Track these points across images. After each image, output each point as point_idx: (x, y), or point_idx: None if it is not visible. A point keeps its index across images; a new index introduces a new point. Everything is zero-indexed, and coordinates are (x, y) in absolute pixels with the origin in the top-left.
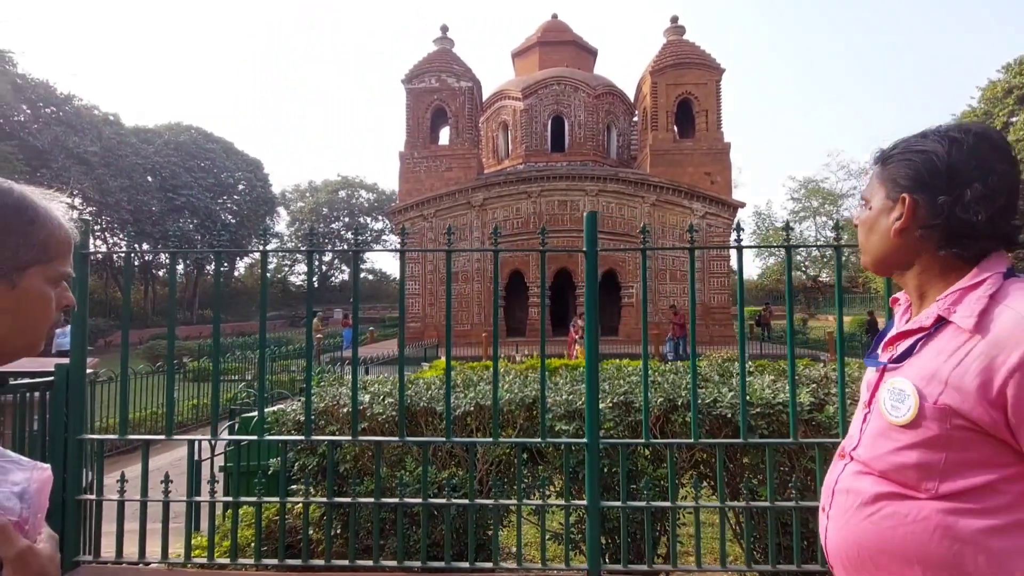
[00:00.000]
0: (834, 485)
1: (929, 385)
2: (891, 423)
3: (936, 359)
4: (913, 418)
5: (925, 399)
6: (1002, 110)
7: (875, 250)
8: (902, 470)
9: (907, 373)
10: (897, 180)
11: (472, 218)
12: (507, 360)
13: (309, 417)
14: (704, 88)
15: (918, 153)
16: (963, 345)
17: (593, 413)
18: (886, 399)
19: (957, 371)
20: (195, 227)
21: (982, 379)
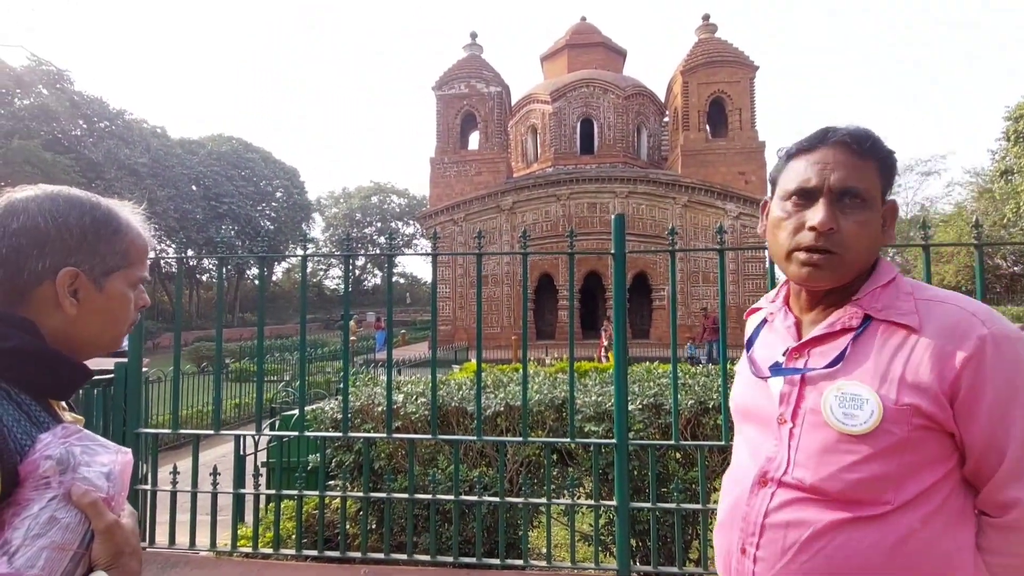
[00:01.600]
0: (762, 519)
1: (883, 385)
2: (844, 434)
3: (880, 359)
4: (877, 424)
5: (886, 401)
6: None
7: (867, 259)
8: (861, 487)
9: (856, 376)
10: (891, 183)
11: (502, 222)
12: (536, 363)
13: (346, 415)
14: (737, 86)
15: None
16: (906, 341)
17: (622, 414)
18: (833, 407)
19: (911, 368)
20: (236, 233)
21: (937, 372)
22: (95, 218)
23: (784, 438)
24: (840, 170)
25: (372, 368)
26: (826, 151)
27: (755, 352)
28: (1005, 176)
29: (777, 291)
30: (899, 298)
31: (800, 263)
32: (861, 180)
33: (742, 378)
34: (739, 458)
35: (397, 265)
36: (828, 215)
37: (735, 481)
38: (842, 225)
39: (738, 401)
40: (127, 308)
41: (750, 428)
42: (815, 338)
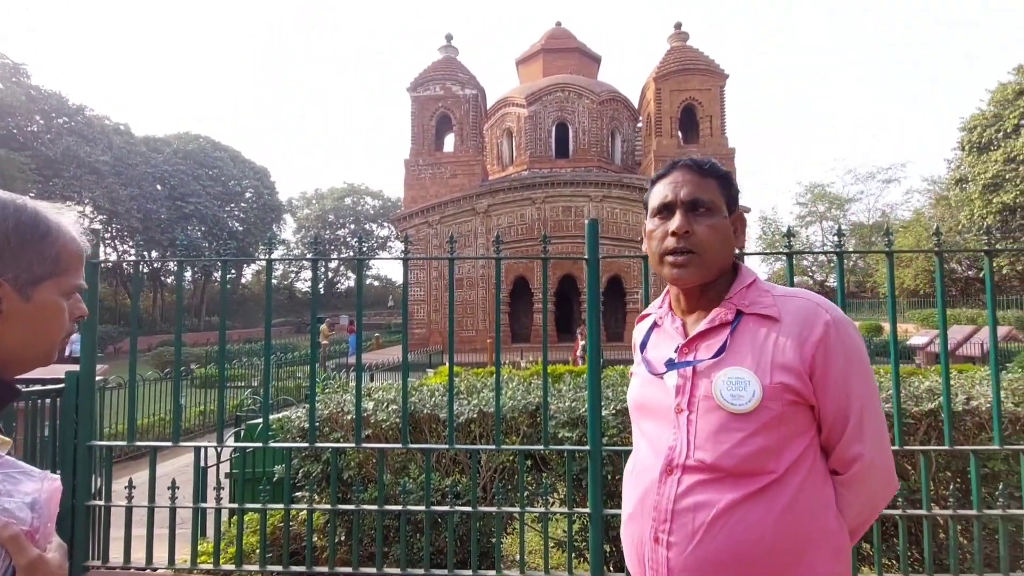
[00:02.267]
0: (671, 505)
1: (759, 369)
2: (733, 413)
3: (754, 346)
4: (757, 403)
5: (763, 381)
6: (1013, 112)
7: (724, 259)
8: (750, 459)
9: (737, 363)
10: (733, 197)
11: (477, 225)
12: (511, 366)
13: (313, 424)
14: (708, 94)
15: (733, 177)
16: (771, 330)
17: (596, 420)
18: (722, 391)
19: (778, 351)
20: (203, 234)
21: (798, 353)
22: (19, 222)
23: (683, 425)
24: (688, 186)
25: (344, 373)
26: (676, 174)
27: (648, 353)
28: (960, 184)
29: (662, 298)
30: (761, 295)
31: (670, 265)
32: (705, 193)
33: (638, 378)
34: (640, 453)
35: (371, 268)
36: (682, 220)
37: (639, 474)
38: (696, 229)
39: (636, 398)
40: (59, 319)
41: (648, 423)
42: (699, 334)
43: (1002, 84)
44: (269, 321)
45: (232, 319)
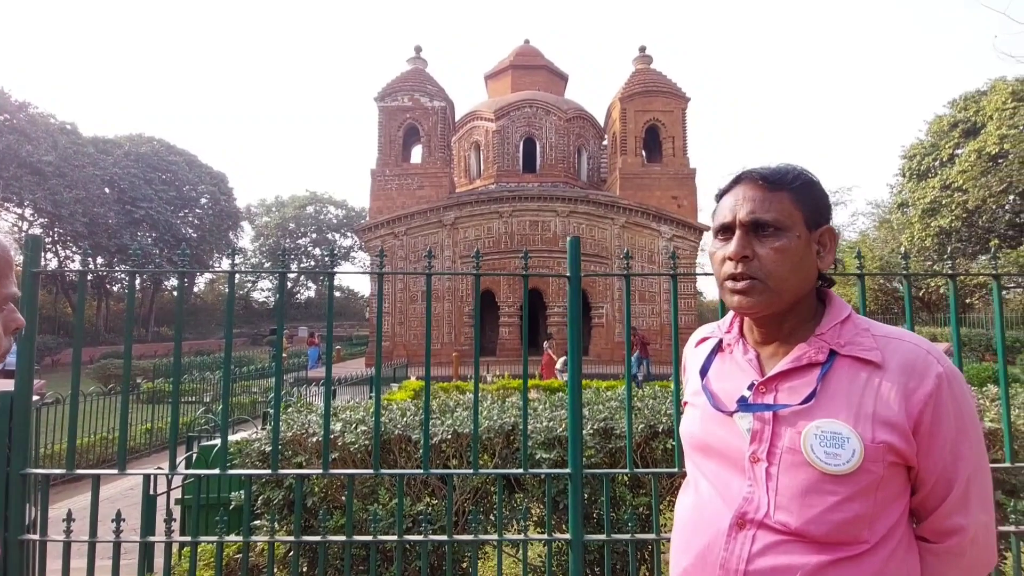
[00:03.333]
0: (744, 565)
1: (859, 423)
2: (827, 474)
3: (851, 396)
4: (860, 463)
5: (865, 439)
6: (948, 143)
7: (799, 284)
8: (844, 528)
9: (831, 414)
10: (817, 209)
11: (443, 237)
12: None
13: (276, 449)
14: (671, 115)
15: (822, 186)
16: (872, 377)
17: (577, 442)
18: (814, 446)
19: (880, 405)
20: (154, 241)
21: (904, 408)
22: None
23: (760, 478)
24: (749, 204)
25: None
26: (739, 189)
27: (712, 384)
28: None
29: (731, 322)
30: (859, 334)
31: (730, 292)
32: (769, 210)
33: (698, 411)
34: (703, 496)
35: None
36: (739, 245)
37: (705, 522)
38: (759, 252)
39: (695, 435)
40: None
41: (712, 464)
42: (783, 372)
43: (938, 116)
44: (230, 335)
45: (184, 330)
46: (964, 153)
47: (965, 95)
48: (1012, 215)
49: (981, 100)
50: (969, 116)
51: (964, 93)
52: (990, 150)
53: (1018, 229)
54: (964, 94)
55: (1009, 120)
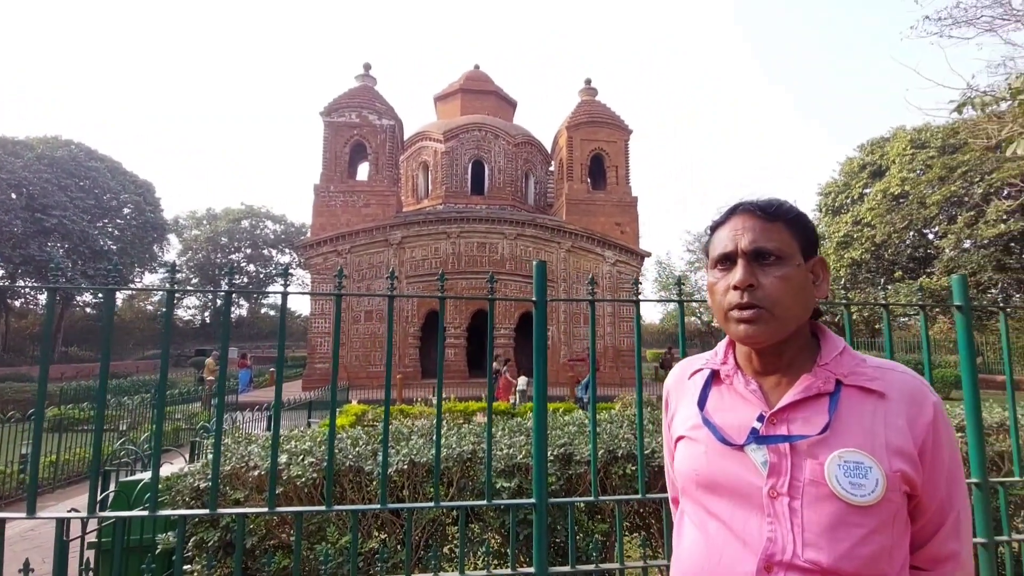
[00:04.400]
0: None
1: (876, 451)
2: (853, 506)
3: (862, 425)
4: (884, 492)
5: (885, 468)
6: (858, 182)
7: (800, 313)
8: (873, 561)
9: (850, 444)
10: (810, 241)
11: (389, 256)
12: (423, 403)
13: (216, 485)
14: (614, 146)
15: (807, 217)
16: (878, 407)
17: (542, 471)
18: (838, 477)
19: (892, 434)
20: (66, 252)
21: (911, 437)
22: None
23: (783, 514)
24: (750, 233)
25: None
26: (737, 219)
27: (715, 417)
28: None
29: (724, 351)
30: (859, 364)
31: (735, 321)
32: (770, 240)
33: (703, 446)
34: (714, 539)
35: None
36: (745, 273)
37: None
38: (763, 281)
39: (702, 472)
40: None
41: (722, 502)
42: (793, 403)
43: (849, 158)
44: (166, 358)
45: (96, 350)
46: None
47: (872, 140)
48: (912, 249)
49: (885, 145)
50: (875, 159)
51: (871, 138)
52: (893, 190)
53: (917, 262)
54: (871, 139)
55: (909, 164)
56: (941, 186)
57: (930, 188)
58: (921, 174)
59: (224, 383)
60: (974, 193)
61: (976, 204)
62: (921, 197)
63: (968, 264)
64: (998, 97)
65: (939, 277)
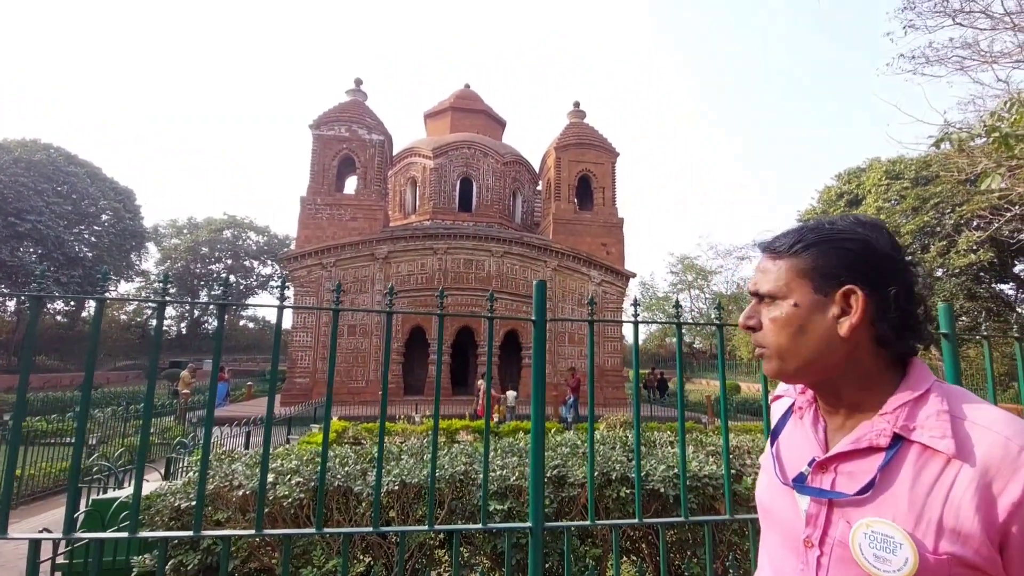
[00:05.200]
0: None
1: (919, 528)
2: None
3: (915, 493)
4: (912, 574)
5: (923, 548)
6: (835, 210)
7: (808, 354)
8: None
9: (886, 513)
10: (828, 271)
11: (375, 271)
12: (406, 421)
13: (201, 506)
14: (602, 167)
15: (851, 241)
16: (943, 473)
17: (539, 494)
18: (863, 547)
19: (949, 508)
20: (39, 258)
21: (983, 515)
22: None
23: (811, 564)
24: (758, 274)
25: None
26: (760, 259)
27: (780, 449)
28: None
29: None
30: (935, 416)
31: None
32: (767, 281)
33: (768, 475)
34: (763, 570)
35: (246, 308)
36: (744, 315)
37: None
38: (762, 322)
39: (762, 499)
40: None
41: (774, 536)
42: (842, 454)
43: (827, 187)
44: (154, 370)
45: (65, 359)
46: None
47: (848, 170)
48: None
49: (861, 175)
50: (852, 189)
51: (847, 168)
52: None
53: None
54: (847, 169)
55: (884, 194)
56: (915, 216)
57: (904, 218)
58: (896, 204)
59: (214, 399)
60: (946, 223)
61: (948, 234)
62: (896, 226)
63: (941, 292)
64: (973, 134)
65: None
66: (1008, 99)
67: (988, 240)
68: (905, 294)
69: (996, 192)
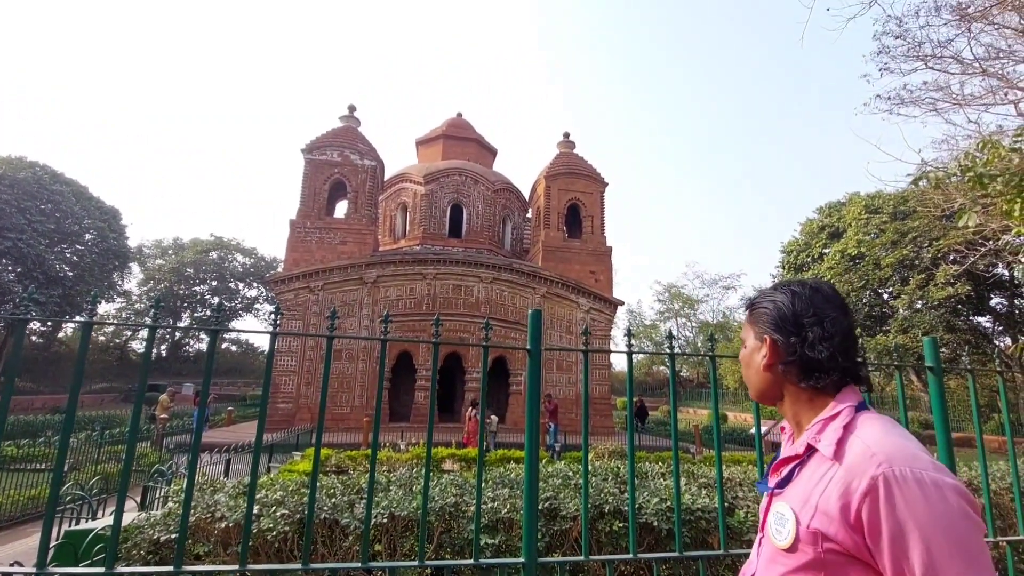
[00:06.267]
0: None
1: (803, 509)
2: (776, 547)
3: (807, 485)
4: (792, 542)
5: (800, 523)
6: (818, 242)
7: (754, 383)
8: None
9: (788, 498)
10: (760, 324)
11: (363, 295)
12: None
13: (183, 539)
14: (591, 197)
15: (771, 302)
16: (827, 472)
17: (532, 530)
18: (772, 523)
19: (823, 496)
20: (17, 276)
21: (842, 503)
22: None
23: (756, 546)
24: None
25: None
26: None
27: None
28: None
29: None
30: (833, 431)
31: None
32: (743, 330)
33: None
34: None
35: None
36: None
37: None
38: None
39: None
40: None
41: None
42: (782, 459)
43: (810, 219)
44: (141, 396)
45: (39, 381)
46: (830, 253)
47: (829, 204)
48: (869, 308)
49: (842, 209)
50: (833, 221)
51: (829, 202)
52: (851, 251)
53: (874, 320)
54: (828, 203)
55: (864, 228)
56: (894, 249)
57: (884, 251)
58: (875, 237)
59: (201, 428)
60: (924, 257)
61: (926, 267)
62: (876, 259)
63: (921, 324)
64: (949, 173)
65: (895, 335)
66: (981, 140)
67: (965, 274)
68: (807, 343)
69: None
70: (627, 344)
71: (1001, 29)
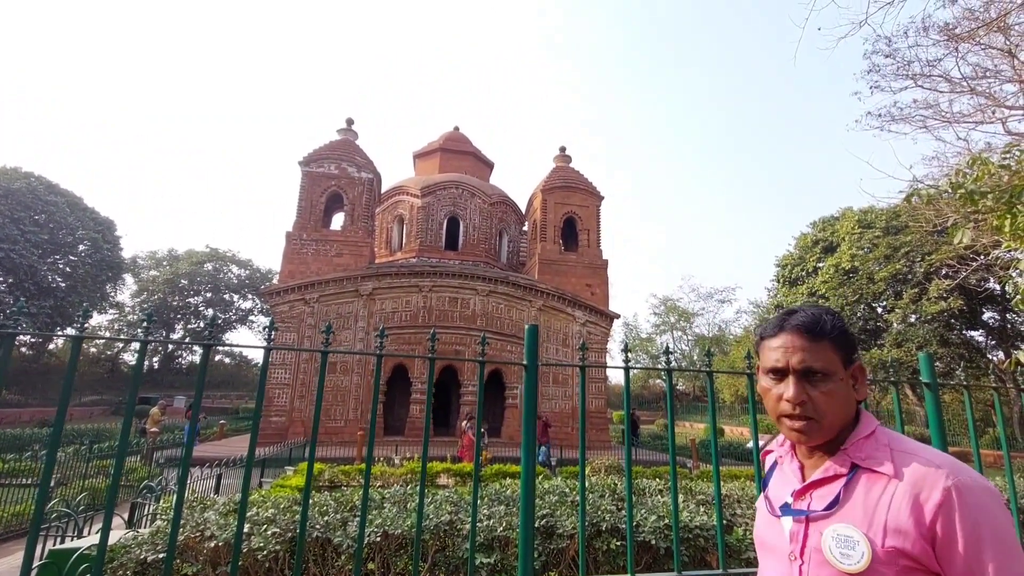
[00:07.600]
0: None
1: (871, 530)
2: (844, 572)
3: (867, 504)
4: (868, 564)
5: (875, 544)
6: (811, 256)
7: (844, 416)
8: None
9: (848, 519)
10: (850, 350)
11: (359, 307)
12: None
13: (171, 560)
14: (587, 210)
15: (841, 323)
16: (886, 489)
17: (528, 551)
18: (832, 547)
19: (892, 514)
20: (8, 287)
21: (915, 519)
22: None
23: (796, 574)
24: (799, 353)
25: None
26: (786, 336)
27: (770, 491)
28: (777, 309)
29: (784, 439)
30: (878, 449)
31: (787, 428)
32: (817, 359)
33: (761, 514)
34: None
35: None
36: (796, 392)
37: None
38: (812, 395)
39: (758, 534)
40: None
41: (769, 560)
42: (815, 482)
43: (804, 234)
44: (131, 411)
45: (27, 393)
46: (824, 267)
47: (823, 218)
48: (863, 321)
49: (835, 224)
50: (827, 236)
51: (822, 217)
52: (844, 265)
53: (869, 334)
54: (822, 217)
55: (857, 242)
56: (887, 264)
57: (877, 265)
58: (868, 251)
59: (192, 444)
60: (916, 271)
61: (919, 282)
62: (869, 273)
63: (915, 338)
64: (940, 190)
65: (889, 349)
66: (971, 157)
67: (957, 288)
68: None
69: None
70: (624, 359)
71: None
